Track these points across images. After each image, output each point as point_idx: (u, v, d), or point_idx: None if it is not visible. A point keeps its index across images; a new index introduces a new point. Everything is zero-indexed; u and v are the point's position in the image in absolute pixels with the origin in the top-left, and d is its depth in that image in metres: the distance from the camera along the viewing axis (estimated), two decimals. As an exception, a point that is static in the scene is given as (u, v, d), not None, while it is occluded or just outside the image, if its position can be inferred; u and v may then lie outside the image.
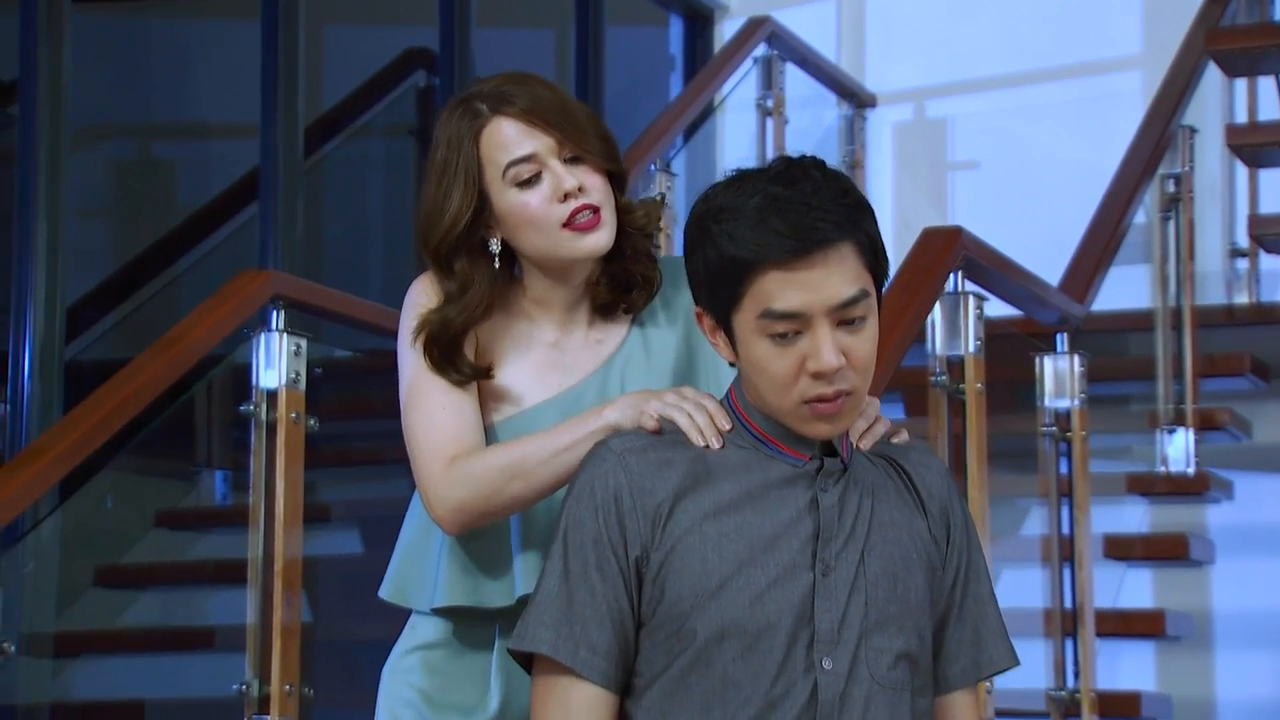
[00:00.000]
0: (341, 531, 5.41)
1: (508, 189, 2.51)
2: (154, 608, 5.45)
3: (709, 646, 2.23)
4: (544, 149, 2.51)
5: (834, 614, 2.25)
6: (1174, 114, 5.15)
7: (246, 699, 3.97)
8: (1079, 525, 4.34)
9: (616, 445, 2.31)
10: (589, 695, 2.25)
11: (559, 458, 2.40)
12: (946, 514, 2.39)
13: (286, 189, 5.43)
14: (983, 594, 2.41)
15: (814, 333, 2.21)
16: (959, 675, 2.39)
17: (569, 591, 2.25)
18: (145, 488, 5.43)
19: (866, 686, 2.25)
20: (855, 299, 2.22)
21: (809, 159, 2.28)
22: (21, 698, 4.58)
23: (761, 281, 2.21)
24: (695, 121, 5.75)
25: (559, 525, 2.30)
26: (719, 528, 2.26)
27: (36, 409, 5.08)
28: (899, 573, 2.30)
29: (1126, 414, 5.48)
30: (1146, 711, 4.68)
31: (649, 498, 2.26)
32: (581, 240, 2.51)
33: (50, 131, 5.14)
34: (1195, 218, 5.32)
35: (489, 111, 2.52)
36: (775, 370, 2.23)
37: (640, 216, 2.59)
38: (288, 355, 4.05)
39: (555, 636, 2.24)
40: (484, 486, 2.44)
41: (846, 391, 2.24)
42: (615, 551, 2.26)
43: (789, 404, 2.24)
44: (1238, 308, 5.59)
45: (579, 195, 2.51)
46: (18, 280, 5.12)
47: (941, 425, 3.78)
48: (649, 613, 2.26)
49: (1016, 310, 4.40)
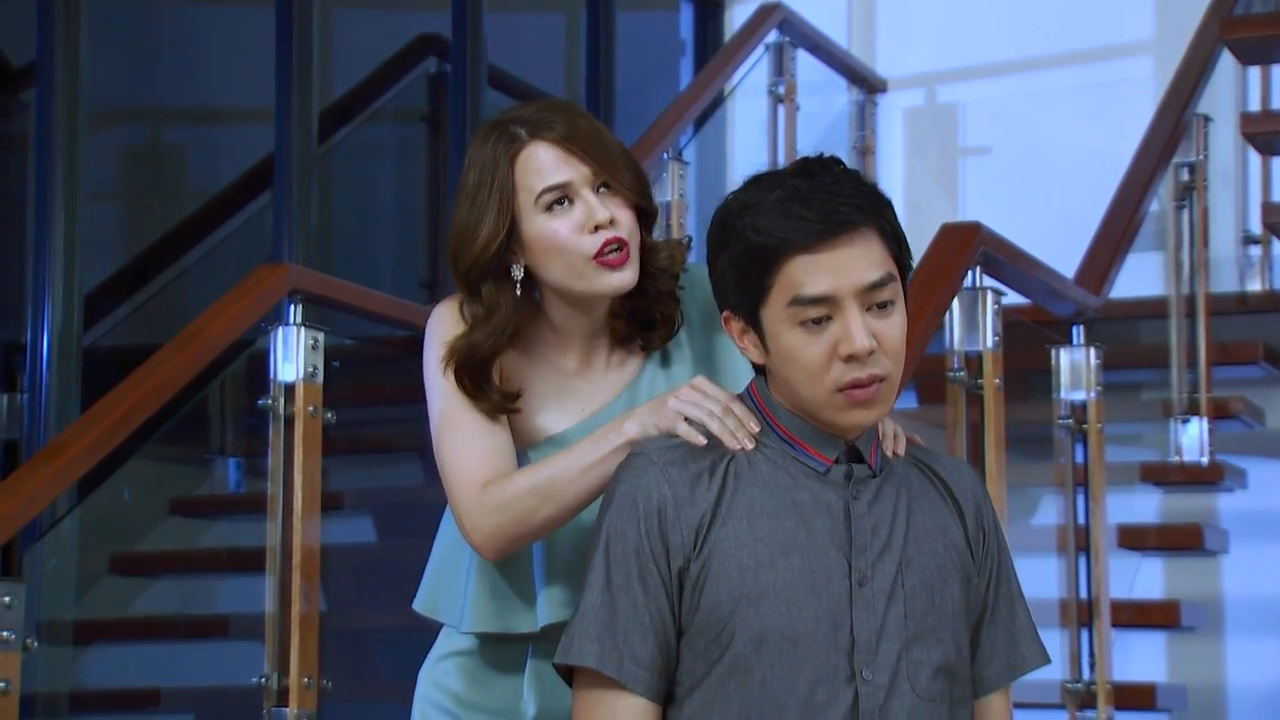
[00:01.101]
0: (355, 519, 5.42)
1: (538, 215, 2.50)
2: (169, 595, 5.47)
3: (747, 654, 2.24)
4: (579, 178, 2.50)
5: (872, 625, 2.25)
6: (1189, 103, 5.14)
7: (266, 691, 3.98)
8: (1095, 518, 4.35)
9: (657, 456, 2.30)
10: (634, 707, 2.26)
11: (586, 475, 2.41)
12: (980, 518, 2.40)
13: (301, 178, 5.43)
14: (1013, 594, 2.43)
15: (844, 316, 2.23)
16: (994, 677, 2.41)
17: (612, 603, 2.26)
18: (160, 475, 5.44)
19: (908, 700, 2.26)
20: (882, 281, 2.24)
21: (827, 157, 2.30)
22: (41, 685, 4.59)
23: (788, 268, 2.23)
24: (706, 109, 5.74)
25: (598, 536, 2.30)
26: (754, 534, 2.26)
27: (55, 397, 5.09)
28: (936, 584, 2.31)
29: (1138, 402, 5.48)
30: (1161, 703, 4.69)
31: (691, 510, 2.27)
32: (607, 277, 2.50)
33: (67, 117, 5.14)
34: (1208, 205, 5.32)
35: (527, 136, 2.50)
36: (808, 358, 2.24)
37: (664, 257, 2.57)
38: (305, 349, 4.06)
39: (600, 649, 2.25)
40: (517, 509, 2.44)
41: (880, 377, 2.25)
42: (658, 563, 2.26)
43: (824, 393, 2.25)
44: (1251, 295, 5.59)
45: (610, 228, 2.49)
46: (35, 268, 5.13)
47: (960, 420, 3.79)
48: (688, 621, 2.27)
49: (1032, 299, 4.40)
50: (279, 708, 3.97)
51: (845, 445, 2.32)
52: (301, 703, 3.97)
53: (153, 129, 6.77)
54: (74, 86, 5.13)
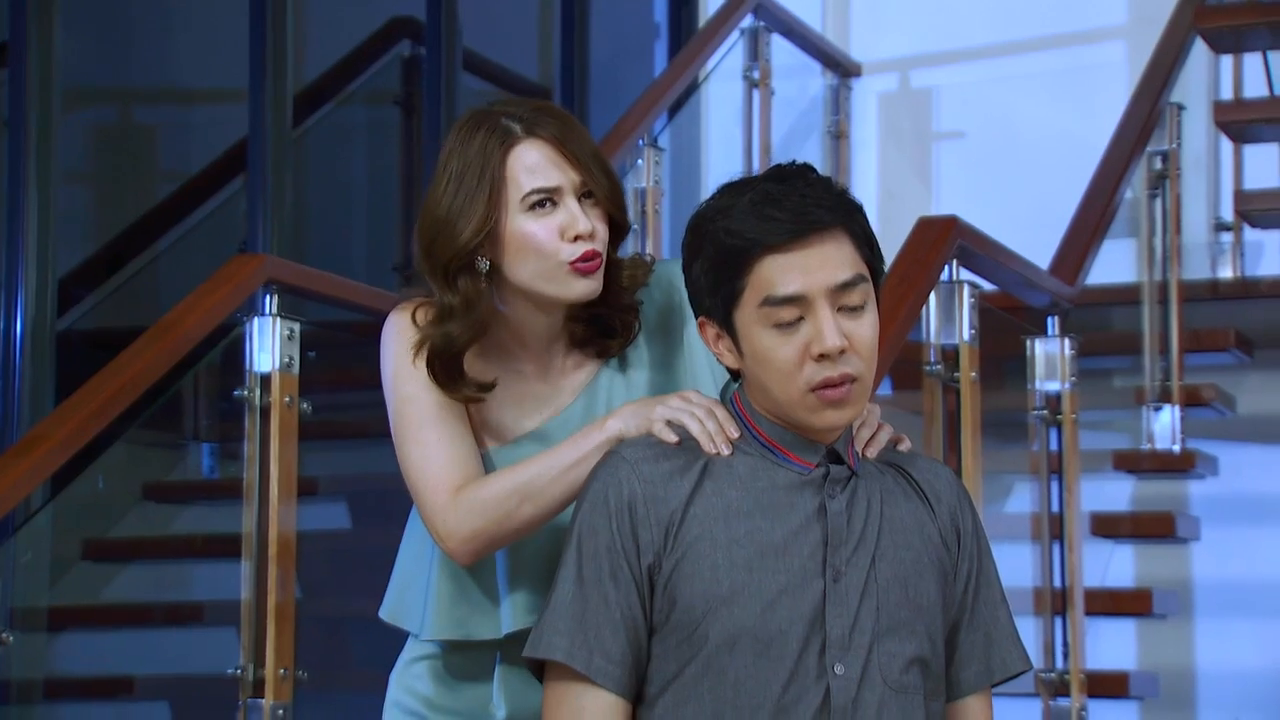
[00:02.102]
0: (329, 505, 5.41)
1: (520, 213, 2.47)
2: (142, 581, 5.45)
3: (720, 653, 2.25)
4: (567, 184, 2.47)
5: (845, 619, 2.27)
6: (1162, 92, 5.16)
7: (242, 683, 3.99)
8: (1069, 508, 4.37)
9: (629, 454, 2.32)
10: (602, 702, 2.27)
11: (567, 475, 2.40)
12: (956, 520, 2.41)
13: (275, 164, 5.42)
14: (994, 599, 2.44)
15: (815, 316, 2.25)
16: (971, 679, 2.42)
17: (583, 598, 2.27)
18: (133, 460, 5.42)
19: (879, 691, 2.27)
20: (853, 282, 2.26)
21: (801, 164, 2.33)
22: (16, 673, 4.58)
23: (760, 269, 2.25)
24: (681, 95, 5.74)
25: (571, 531, 2.31)
26: (729, 534, 2.28)
27: (29, 381, 5.07)
28: (910, 577, 2.33)
29: (1110, 389, 5.50)
30: (1134, 690, 4.72)
31: (662, 506, 2.28)
32: (574, 284, 2.47)
33: (40, 97, 5.12)
34: (1180, 193, 5.34)
35: (522, 132, 2.47)
36: (780, 359, 2.26)
37: (625, 276, 2.55)
38: (281, 339, 4.06)
39: (570, 644, 2.26)
40: (494, 512, 2.43)
41: (852, 376, 2.27)
42: (629, 559, 2.28)
43: (796, 394, 2.27)
44: (1222, 282, 5.62)
45: (589, 240, 2.47)
46: (8, 251, 5.11)
47: (936, 414, 3.80)
48: (660, 620, 2.28)
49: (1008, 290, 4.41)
50: (255, 699, 3.98)
51: (826, 449, 2.33)
52: (277, 695, 3.97)
53: (124, 109, 6.73)
54: (47, 66, 5.10)
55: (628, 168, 5.32)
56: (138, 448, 5.40)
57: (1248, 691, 5.34)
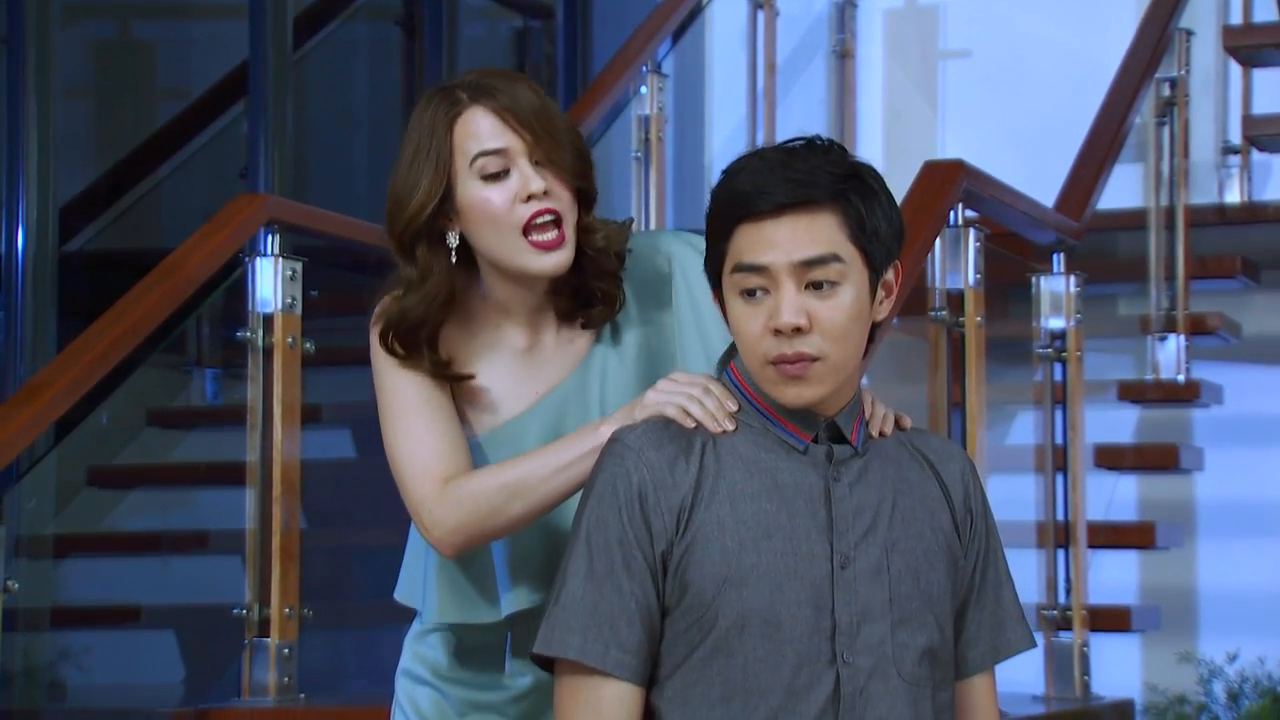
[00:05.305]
0: (333, 433, 5.41)
1: (472, 180, 2.46)
2: (148, 508, 5.47)
3: (729, 636, 2.24)
4: (516, 147, 2.46)
5: (854, 607, 2.26)
6: (1171, 17, 5.11)
7: (247, 622, 4.00)
8: (1073, 445, 4.36)
9: (633, 442, 2.30)
10: (618, 691, 2.26)
11: (559, 475, 2.39)
12: (969, 502, 2.40)
13: (276, 91, 5.37)
14: (1000, 577, 2.43)
15: (778, 290, 2.23)
16: (978, 659, 2.42)
17: (596, 592, 2.25)
18: (137, 385, 5.41)
19: (892, 683, 2.27)
20: (821, 259, 2.23)
21: (815, 137, 2.29)
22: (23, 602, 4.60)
23: (737, 235, 2.25)
24: (684, 20, 5.68)
25: (578, 525, 2.29)
26: (737, 517, 2.27)
27: (31, 306, 5.07)
28: (922, 568, 2.32)
29: (1115, 316, 5.49)
30: (1136, 624, 4.73)
31: (672, 493, 2.27)
32: (539, 258, 2.46)
33: (39, 12, 5.07)
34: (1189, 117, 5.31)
35: (468, 100, 2.46)
36: (745, 329, 2.26)
37: (600, 239, 2.52)
38: (283, 279, 4.05)
39: (583, 641, 2.25)
40: (482, 507, 2.42)
41: (811, 356, 2.24)
42: (641, 549, 2.26)
43: (757, 365, 2.26)
44: (1229, 207, 5.58)
45: (543, 199, 2.45)
46: (8, 168, 5.08)
47: (941, 361, 3.79)
48: (672, 603, 2.27)
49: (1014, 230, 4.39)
50: (260, 638, 4.00)
51: (825, 422, 2.32)
52: (283, 634, 3.99)
53: (123, 24, 6.68)
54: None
55: (631, 94, 5.28)
56: (142, 372, 5.39)
57: (1249, 612, 5.37)
